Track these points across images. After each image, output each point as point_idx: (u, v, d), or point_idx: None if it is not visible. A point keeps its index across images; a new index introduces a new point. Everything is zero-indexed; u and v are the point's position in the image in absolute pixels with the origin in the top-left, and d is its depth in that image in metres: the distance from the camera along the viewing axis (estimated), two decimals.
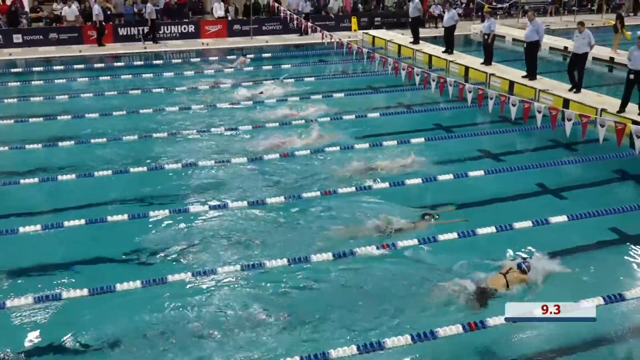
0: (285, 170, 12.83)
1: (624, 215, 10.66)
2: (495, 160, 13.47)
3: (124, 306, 8.24)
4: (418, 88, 17.85)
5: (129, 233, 10.12)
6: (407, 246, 9.58)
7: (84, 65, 22.66)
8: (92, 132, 14.97)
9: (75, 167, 12.76)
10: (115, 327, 7.76)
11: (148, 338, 7.63)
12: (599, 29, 29.74)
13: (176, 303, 8.29)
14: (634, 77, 14.92)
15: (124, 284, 8.50)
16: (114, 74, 21.38)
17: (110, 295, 8.40)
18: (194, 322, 7.93)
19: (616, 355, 7.59)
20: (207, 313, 8.13)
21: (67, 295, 8.35)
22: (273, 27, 28.83)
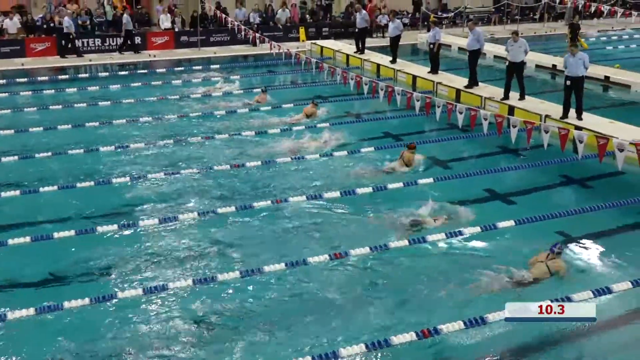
0: (238, 180, 12.79)
1: (569, 219, 10.91)
2: (444, 167, 13.64)
3: (73, 325, 8.05)
4: (367, 97, 17.98)
5: (76, 249, 9.90)
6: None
7: (27, 78, 22.16)
8: (37, 146, 14.62)
9: (19, 183, 12.45)
10: (63, 346, 7.58)
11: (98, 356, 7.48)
12: (542, 37, 30.59)
13: (126, 320, 8.15)
14: (570, 83, 15.33)
15: (72, 302, 8.30)
16: (58, 87, 20.96)
17: (60, 313, 8.19)
18: (148, 339, 7.80)
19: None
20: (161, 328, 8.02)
21: (12, 316, 8.10)
22: (221, 38, 28.71)
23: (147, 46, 27.22)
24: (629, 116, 16.44)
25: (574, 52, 15.22)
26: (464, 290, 8.73)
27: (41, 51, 25.62)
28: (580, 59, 15.17)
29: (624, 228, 10.84)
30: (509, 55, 17.35)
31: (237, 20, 28.00)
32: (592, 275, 9.34)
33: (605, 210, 11.23)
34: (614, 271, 9.36)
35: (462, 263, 9.54)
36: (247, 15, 29.67)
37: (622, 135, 13.06)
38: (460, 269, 9.31)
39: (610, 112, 17.23)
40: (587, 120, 15.34)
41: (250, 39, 25.29)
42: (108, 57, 25.78)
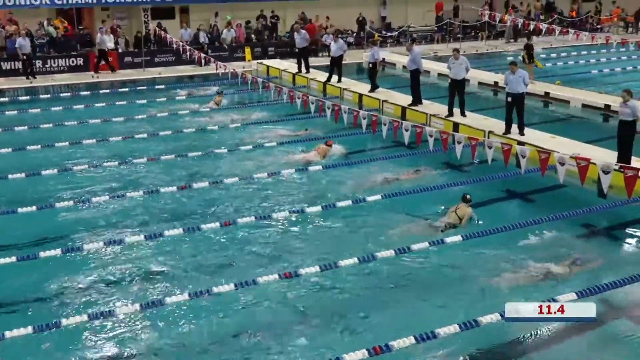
0: (186, 202, 12.67)
1: (512, 233, 11.09)
2: (392, 184, 13.73)
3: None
4: (314, 116, 18.05)
5: (18, 276, 9.61)
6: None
7: None
8: None
9: None
10: None
11: None
12: (483, 54, 31.27)
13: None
14: (511, 100, 15.70)
15: (14, 331, 8.02)
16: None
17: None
18: None
19: None
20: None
21: None
22: (166, 59, 28.48)
23: (90, 67, 26.80)
24: (568, 131, 16.92)
25: (514, 70, 15.58)
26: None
27: None
28: (520, 76, 15.55)
29: (566, 239, 11.07)
30: (451, 72, 17.68)
31: (182, 41, 27.85)
32: (537, 286, 9.50)
33: (549, 223, 11.47)
34: (557, 283, 9.54)
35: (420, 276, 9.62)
36: (192, 35, 29.54)
37: (563, 150, 13.39)
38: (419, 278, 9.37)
39: (551, 127, 17.69)
40: (529, 136, 15.71)
41: (195, 59, 25.14)
42: (50, 78, 25.30)
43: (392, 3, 35.15)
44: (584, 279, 9.61)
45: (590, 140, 15.98)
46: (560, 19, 36.88)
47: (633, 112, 13.29)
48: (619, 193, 11.68)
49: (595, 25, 38.53)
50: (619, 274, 9.59)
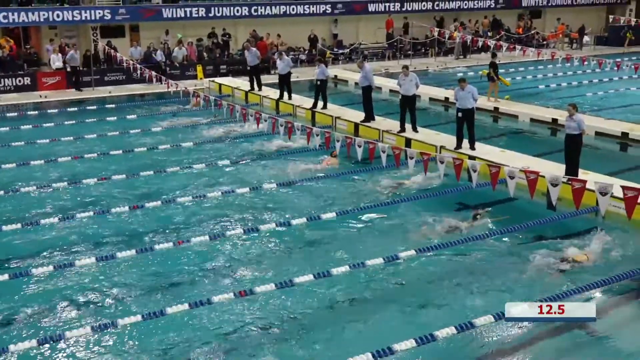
0: (138, 222, 12.48)
1: (465, 246, 11.26)
2: (346, 200, 13.77)
3: None
4: (267, 133, 18.01)
5: None
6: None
7: None
8: None
9: None
10: None
11: None
12: (434, 71, 31.73)
13: None
14: (462, 115, 15.95)
15: None
16: None
17: None
18: None
19: None
20: None
21: None
22: (116, 78, 28.14)
23: (37, 87, 26.32)
24: (518, 145, 17.26)
25: (463, 86, 15.81)
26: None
27: None
28: (469, 92, 15.79)
29: (516, 252, 11.25)
30: (402, 89, 17.87)
31: (133, 59, 27.58)
32: (493, 296, 9.61)
33: (500, 235, 11.64)
34: (509, 294, 9.67)
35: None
36: (143, 54, 29.27)
37: (513, 163, 13.64)
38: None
39: (501, 141, 18.02)
40: (480, 150, 15.96)
41: (146, 78, 24.89)
42: None
43: (343, 20, 35.46)
44: (536, 289, 9.75)
45: (538, 153, 16.31)
46: (507, 36, 37.72)
47: (579, 125, 13.62)
48: (568, 205, 11.92)
49: (541, 42, 39.51)
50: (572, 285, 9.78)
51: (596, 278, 9.74)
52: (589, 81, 28.03)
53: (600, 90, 25.99)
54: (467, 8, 38.23)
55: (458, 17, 38.64)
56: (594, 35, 40.33)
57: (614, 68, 25.78)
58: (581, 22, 39.90)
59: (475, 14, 38.84)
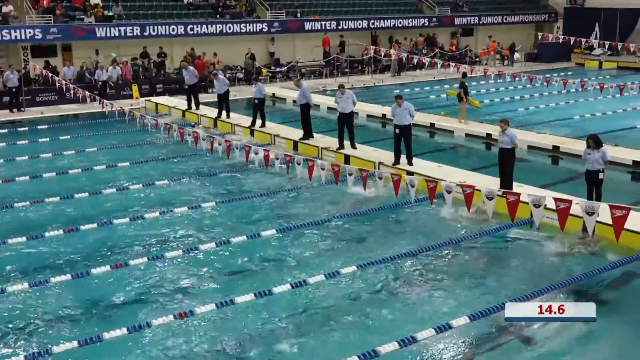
0: (73, 245, 12.13)
1: (402, 260, 11.39)
2: (287, 218, 13.74)
3: None
4: (206, 153, 17.87)
5: None
6: None
7: None
8: None
9: None
10: None
11: None
12: (370, 88, 32.12)
13: None
14: (399, 131, 16.18)
15: None
16: None
17: None
18: None
19: None
20: None
21: None
22: (48, 97, 27.47)
23: None
24: (453, 159, 17.60)
25: (400, 103, 16.03)
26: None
27: None
28: (405, 109, 16.03)
29: (459, 265, 11.43)
30: (339, 106, 18.02)
31: (66, 79, 27.02)
32: (436, 311, 9.72)
33: (441, 248, 11.83)
34: (453, 307, 9.81)
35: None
36: (76, 73, 28.70)
37: (449, 178, 13.89)
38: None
39: (438, 156, 18.31)
40: (417, 165, 16.19)
41: (80, 98, 24.39)
42: None
43: (280, 39, 35.60)
44: (475, 302, 9.91)
45: (474, 167, 16.68)
46: (441, 53, 38.54)
47: (512, 139, 13.97)
48: (504, 218, 12.20)
49: (474, 58, 40.54)
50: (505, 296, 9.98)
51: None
52: (520, 96, 28.82)
53: (532, 105, 26.74)
54: (402, 26, 38.89)
55: (393, 35, 39.31)
56: (524, 52, 41.57)
57: (544, 84, 26.59)
58: (512, 39, 41.11)
59: (410, 32, 39.55)
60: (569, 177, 16.52)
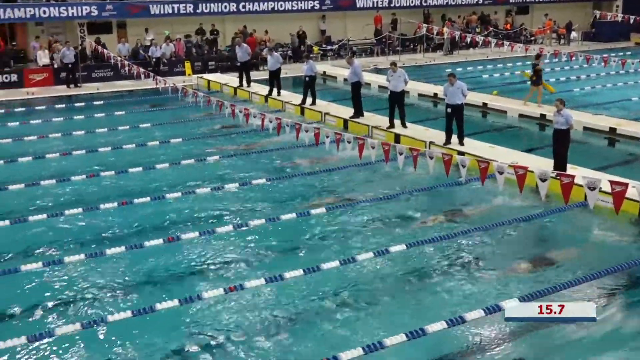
0: (130, 218, 12.42)
1: (454, 240, 11.31)
2: (337, 196, 13.77)
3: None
4: (256, 130, 17.99)
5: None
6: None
7: None
8: None
9: None
10: None
11: None
12: (422, 66, 31.76)
13: None
14: (451, 110, 15.99)
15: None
16: None
17: None
18: None
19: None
20: None
21: None
22: (104, 74, 28.01)
23: (24, 84, 26.16)
24: (506, 140, 17.31)
25: (453, 82, 15.85)
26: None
27: None
28: (458, 88, 15.84)
29: (510, 246, 11.29)
30: (390, 85, 17.91)
31: (121, 55, 27.45)
32: (484, 292, 9.65)
33: (491, 230, 11.70)
34: (503, 288, 9.72)
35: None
36: (130, 50, 29.16)
37: (501, 159, 13.70)
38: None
39: (490, 136, 18.06)
40: (469, 145, 16.01)
41: (134, 74, 24.78)
42: None
43: (331, 17, 35.44)
44: (529, 282, 9.80)
45: (527, 149, 16.40)
46: (495, 32, 37.82)
47: (567, 120, 13.69)
48: (557, 200, 11.99)
49: (529, 37, 39.68)
50: (557, 278, 9.84)
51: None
52: (576, 77, 28.14)
53: (588, 85, 26.11)
54: (455, 4, 38.26)
55: (446, 12, 38.71)
56: (581, 31, 40.53)
57: (602, 64, 25.91)
58: (568, 17, 40.09)
59: (463, 10, 38.91)
60: (625, 160, 16.12)
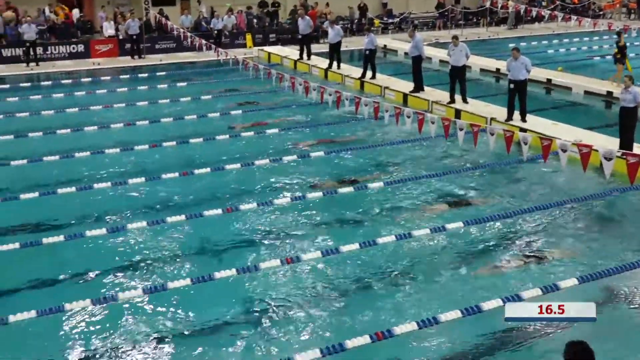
0: (190, 188, 12.65)
1: (517, 218, 11.16)
2: (395, 170, 13.73)
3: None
4: (315, 103, 18.03)
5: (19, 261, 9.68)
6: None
7: None
8: None
9: None
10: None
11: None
12: (485, 41, 31.14)
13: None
14: (514, 86, 15.67)
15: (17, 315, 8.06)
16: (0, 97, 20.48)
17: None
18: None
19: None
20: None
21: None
22: (167, 45, 28.41)
23: (90, 54, 26.78)
24: (570, 117, 16.89)
25: (516, 56, 15.53)
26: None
27: None
28: (522, 63, 15.51)
29: (571, 226, 11.08)
30: (451, 59, 17.66)
31: (183, 27, 27.79)
32: (543, 271, 9.51)
33: (551, 209, 11.49)
34: (563, 268, 9.56)
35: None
36: (193, 22, 29.49)
37: (565, 136, 13.40)
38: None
39: (553, 113, 17.66)
40: (531, 122, 15.70)
41: (196, 46, 25.07)
42: (51, 65, 25.31)
43: None
44: (584, 264, 9.62)
45: (592, 127, 15.97)
46: (562, 6, 36.74)
47: (635, 98, 13.28)
48: (622, 179, 11.69)
49: (598, 12, 38.39)
50: (619, 260, 9.63)
51: None
52: None
53: None
54: None
55: None
56: None
57: None
58: None
59: None
60: None
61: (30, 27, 24.61)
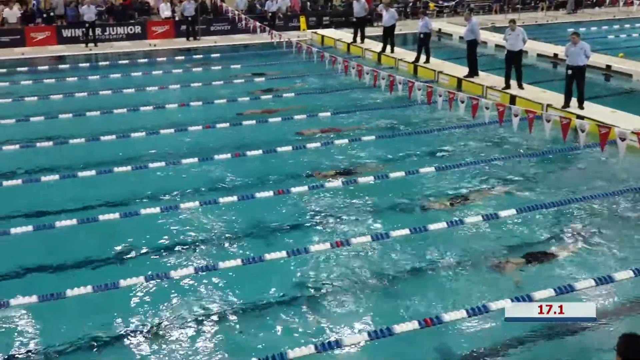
0: (240, 170, 12.78)
1: (571, 207, 10.95)
2: (447, 156, 13.61)
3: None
4: (368, 87, 17.96)
5: (78, 238, 9.95)
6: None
7: (28, 68, 22.14)
8: (38, 135, 14.61)
9: (20, 172, 12.49)
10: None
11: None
12: (543, 25, 30.47)
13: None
14: (572, 72, 15.31)
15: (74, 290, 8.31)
16: (60, 76, 20.97)
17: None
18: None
19: None
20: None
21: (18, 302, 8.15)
22: (222, 27, 28.66)
23: (147, 35, 27.20)
24: (630, 105, 16.43)
25: (576, 41, 15.16)
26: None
27: (41, 40, 25.68)
28: (581, 48, 15.13)
29: (627, 215, 10.83)
30: (508, 44, 17.35)
31: (238, 10, 27.95)
32: (596, 263, 9.33)
33: (608, 198, 11.23)
34: (617, 259, 9.36)
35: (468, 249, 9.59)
36: (247, 5, 29.63)
37: (624, 125, 13.05)
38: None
39: (612, 101, 17.20)
40: (589, 110, 15.33)
41: (251, 28, 25.21)
42: (109, 46, 25.81)
43: None
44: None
45: None
46: None
47: None
48: None
49: None
50: None
51: None
52: None
53: None
54: None
55: None
56: None
57: None
58: None
59: None
60: None
61: (90, 9, 25.14)
